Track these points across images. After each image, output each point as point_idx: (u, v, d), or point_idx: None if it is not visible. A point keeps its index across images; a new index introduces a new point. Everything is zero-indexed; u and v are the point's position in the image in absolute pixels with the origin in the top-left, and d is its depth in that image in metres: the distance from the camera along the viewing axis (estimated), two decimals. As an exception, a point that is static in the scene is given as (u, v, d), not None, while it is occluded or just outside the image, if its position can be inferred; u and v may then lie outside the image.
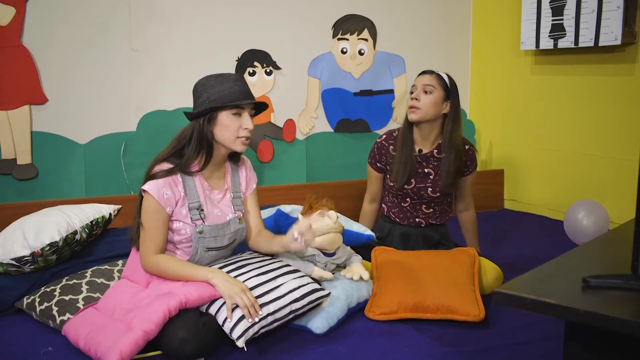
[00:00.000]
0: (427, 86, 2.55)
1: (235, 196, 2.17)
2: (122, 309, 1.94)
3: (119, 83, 3.05)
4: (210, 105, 1.99)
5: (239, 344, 1.84)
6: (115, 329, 1.83)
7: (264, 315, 1.91)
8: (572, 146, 3.57)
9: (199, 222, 2.03)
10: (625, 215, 3.19)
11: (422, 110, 2.54)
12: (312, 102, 3.59)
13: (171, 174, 2.00)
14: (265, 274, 2.05)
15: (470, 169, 2.68)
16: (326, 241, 2.25)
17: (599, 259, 1.48)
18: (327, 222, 2.25)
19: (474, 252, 2.42)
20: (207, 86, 2.02)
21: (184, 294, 1.88)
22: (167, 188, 1.98)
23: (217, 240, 2.08)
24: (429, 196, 2.64)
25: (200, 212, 2.03)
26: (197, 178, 2.06)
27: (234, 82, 2.03)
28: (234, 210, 2.15)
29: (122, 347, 1.74)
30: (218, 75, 2.04)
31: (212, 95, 2.00)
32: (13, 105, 2.83)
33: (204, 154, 2.04)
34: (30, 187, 2.91)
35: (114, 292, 2.07)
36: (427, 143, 2.63)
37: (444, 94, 2.55)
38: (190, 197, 2.02)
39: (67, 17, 2.91)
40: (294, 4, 3.46)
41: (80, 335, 1.88)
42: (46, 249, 2.28)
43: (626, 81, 3.25)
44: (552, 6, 3.41)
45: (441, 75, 2.59)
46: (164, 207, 1.98)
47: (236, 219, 2.14)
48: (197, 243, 2.04)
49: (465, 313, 2.13)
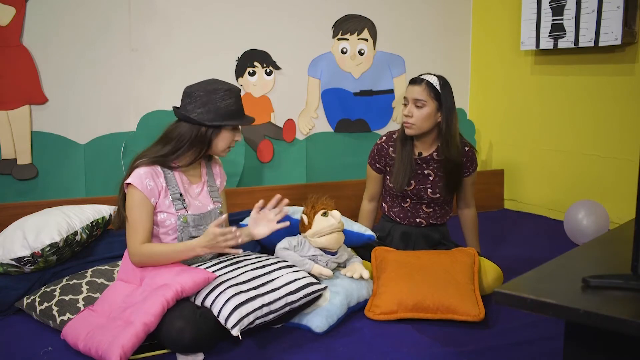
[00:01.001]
0: (418, 101, 2.54)
1: (212, 189, 2.27)
2: (118, 308, 1.95)
3: (119, 83, 3.05)
4: (222, 122, 2.10)
5: (233, 332, 1.85)
6: (115, 327, 1.85)
7: (259, 305, 1.93)
8: (572, 146, 3.57)
9: (182, 212, 2.11)
10: (625, 215, 3.19)
11: (416, 125, 2.54)
12: (312, 102, 3.59)
13: (152, 165, 2.09)
14: (260, 268, 2.10)
15: (470, 170, 2.68)
16: (331, 241, 2.28)
17: (599, 259, 1.48)
18: (332, 222, 2.27)
19: (474, 252, 2.42)
20: (210, 97, 2.09)
21: (179, 284, 1.91)
22: (149, 179, 2.06)
23: (200, 229, 2.14)
24: (429, 197, 2.64)
25: (183, 202, 2.12)
26: (176, 172, 2.16)
27: (235, 97, 2.15)
28: (213, 202, 2.24)
29: (123, 341, 1.76)
30: (213, 89, 2.10)
31: (220, 109, 2.10)
32: (13, 105, 2.83)
33: (195, 156, 2.15)
34: (30, 187, 2.91)
35: (110, 293, 2.07)
36: (426, 146, 2.64)
37: (436, 104, 2.54)
38: (172, 188, 2.11)
39: (67, 17, 2.91)
40: (294, 4, 3.46)
41: (80, 337, 1.88)
42: (46, 249, 2.28)
43: (626, 81, 3.25)
44: (552, 6, 3.41)
45: (431, 83, 2.55)
46: (148, 197, 2.05)
47: (216, 210, 2.23)
48: (182, 232, 2.11)
49: (465, 313, 2.13)
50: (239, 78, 3.35)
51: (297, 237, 2.32)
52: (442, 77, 2.60)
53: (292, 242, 2.30)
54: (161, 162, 2.10)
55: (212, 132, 2.12)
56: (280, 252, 2.28)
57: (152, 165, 2.09)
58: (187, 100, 2.12)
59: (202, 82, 2.14)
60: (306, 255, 2.28)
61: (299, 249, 2.29)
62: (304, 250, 2.28)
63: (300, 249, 2.29)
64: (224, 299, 1.91)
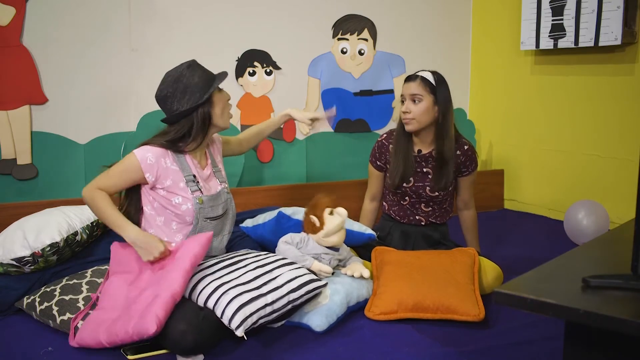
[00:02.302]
0: (414, 96, 2.55)
1: (216, 171, 2.33)
2: (128, 298, 1.96)
3: (119, 83, 3.05)
4: (208, 90, 2.13)
5: (238, 333, 1.85)
6: (135, 310, 1.86)
7: (262, 305, 1.93)
8: (572, 146, 3.57)
9: (197, 193, 2.17)
10: (625, 215, 3.19)
11: (415, 120, 2.56)
12: (312, 102, 3.59)
13: (163, 147, 2.14)
14: (261, 267, 2.10)
15: (470, 169, 2.68)
16: (341, 238, 2.30)
17: (599, 259, 1.48)
18: (339, 220, 2.29)
19: (474, 252, 2.42)
20: (182, 82, 2.12)
21: (190, 252, 1.96)
22: (153, 155, 2.11)
23: (214, 209, 2.22)
24: (427, 195, 2.64)
25: (197, 183, 2.18)
26: (187, 156, 2.20)
27: (199, 67, 2.17)
28: (220, 182, 2.31)
29: (156, 310, 1.78)
30: (176, 77, 2.13)
31: (197, 84, 2.12)
32: (13, 105, 2.83)
33: (203, 137, 2.19)
34: (30, 187, 2.91)
35: (110, 290, 2.07)
36: (426, 144, 2.64)
37: (432, 98, 2.55)
38: (185, 170, 2.16)
39: (67, 17, 2.91)
40: (294, 4, 3.46)
41: (99, 332, 1.86)
42: (47, 249, 2.28)
43: (626, 81, 3.25)
44: (552, 6, 3.41)
45: (426, 78, 2.56)
46: (143, 169, 2.09)
47: (224, 190, 2.30)
48: (199, 213, 2.17)
49: (465, 313, 2.13)
50: (239, 78, 3.35)
51: (300, 235, 2.33)
52: (436, 73, 2.61)
53: (295, 238, 2.30)
54: (172, 147, 2.15)
55: (207, 107, 2.15)
56: (281, 246, 2.29)
57: (163, 148, 2.14)
58: (167, 102, 2.13)
59: (163, 81, 2.16)
60: (309, 253, 2.28)
61: (301, 246, 2.29)
62: (307, 249, 2.29)
63: (303, 247, 2.29)
64: (226, 299, 1.91)
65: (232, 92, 3.09)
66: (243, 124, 3.37)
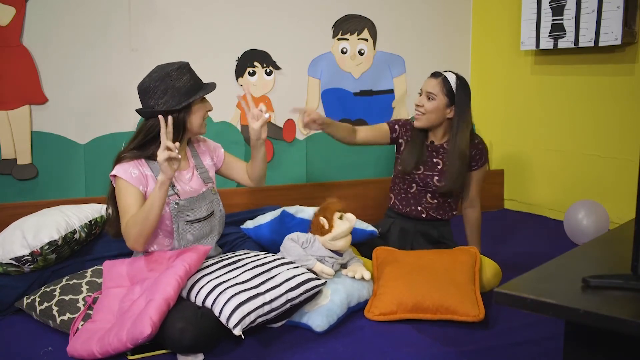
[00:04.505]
0: (429, 93, 2.63)
1: (201, 172, 2.30)
2: (121, 309, 1.95)
3: (119, 83, 3.05)
4: (189, 99, 2.10)
5: (235, 332, 1.85)
6: (128, 317, 1.85)
7: (260, 304, 1.93)
8: (572, 146, 3.57)
9: (174, 197, 2.14)
10: (625, 215, 3.19)
11: (425, 116, 2.64)
12: (312, 102, 3.59)
13: (136, 158, 2.11)
14: (260, 266, 2.10)
15: (479, 163, 2.70)
16: (346, 243, 2.31)
17: (599, 259, 1.48)
18: (347, 225, 2.30)
19: (475, 252, 2.42)
20: (166, 82, 2.09)
21: (184, 261, 1.94)
22: (133, 168, 2.09)
23: (195, 212, 2.18)
24: (435, 185, 2.66)
25: (173, 187, 2.14)
26: None
27: (189, 71, 2.15)
28: (205, 183, 2.28)
29: (150, 313, 1.78)
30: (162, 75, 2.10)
31: (181, 89, 2.10)
32: (13, 105, 2.83)
33: (174, 140, 2.11)
34: (30, 187, 2.91)
35: (104, 302, 2.06)
36: (438, 137, 2.71)
37: (446, 100, 2.62)
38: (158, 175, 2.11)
39: (67, 17, 2.91)
40: (294, 4, 3.46)
41: (92, 343, 1.84)
42: (45, 247, 2.28)
43: (626, 81, 3.24)
44: (552, 6, 3.41)
45: (447, 79, 2.62)
46: (135, 185, 2.07)
47: (209, 191, 2.27)
48: (177, 217, 2.14)
49: (465, 313, 2.13)
50: (239, 78, 3.35)
51: (306, 235, 2.33)
52: (462, 78, 2.66)
53: (301, 237, 2.31)
54: (143, 154, 2.13)
55: (184, 114, 2.13)
56: (287, 242, 2.30)
57: (136, 159, 2.12)
58: (147, 96, 2.12)
59: (151, 74, 2.14)
60: (313, 254, 2.28)
61: (306, 246, 2.29)
62: (312, 250, 2.29)
63: (308, 247, 2.29)
64: (224, 298, 1.91)
65: (232, 92, 3.10)
66: (243, 124, 3.37)
